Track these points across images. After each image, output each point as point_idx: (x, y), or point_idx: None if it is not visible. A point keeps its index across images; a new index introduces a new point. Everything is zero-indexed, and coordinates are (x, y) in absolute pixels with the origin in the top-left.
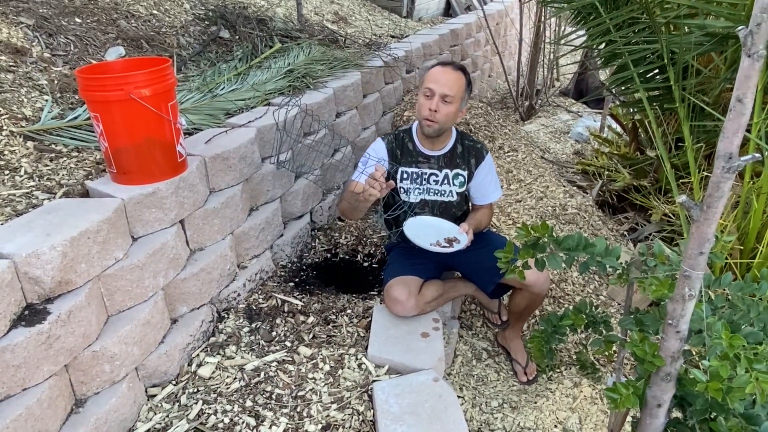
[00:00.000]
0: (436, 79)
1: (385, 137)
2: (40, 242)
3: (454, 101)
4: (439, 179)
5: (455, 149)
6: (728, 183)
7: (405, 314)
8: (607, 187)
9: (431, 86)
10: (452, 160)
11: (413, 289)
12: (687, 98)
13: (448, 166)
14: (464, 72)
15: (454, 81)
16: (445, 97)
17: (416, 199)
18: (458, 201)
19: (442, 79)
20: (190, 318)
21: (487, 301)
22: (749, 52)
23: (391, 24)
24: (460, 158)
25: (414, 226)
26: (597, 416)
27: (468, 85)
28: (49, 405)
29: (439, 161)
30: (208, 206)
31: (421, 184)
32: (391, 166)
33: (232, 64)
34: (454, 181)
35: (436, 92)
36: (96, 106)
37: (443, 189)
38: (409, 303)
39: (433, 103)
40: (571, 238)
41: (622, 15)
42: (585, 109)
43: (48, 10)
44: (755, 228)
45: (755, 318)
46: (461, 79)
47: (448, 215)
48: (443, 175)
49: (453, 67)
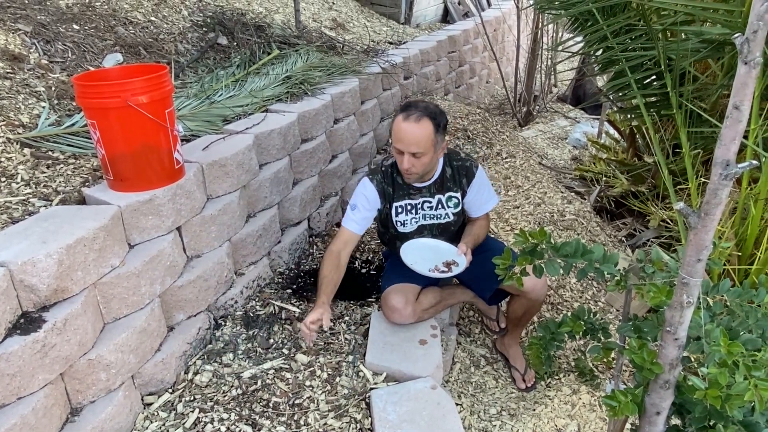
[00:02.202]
0: (400, 138)
1: (372, 177)
2: (36, 250)
3: (425, 153)
4: (433, 205)
5: (444, 173)
6: (725, 190)
7: (402, 322)
8: (604, 193)
9: (398, 146)
10: (443, 184)
11: (410, 297)
12: (684, 104)
13: (440, 191)
14: (429, 116)
15: (419, 135)
16: (414, 154)
17: (413, 227)
18: (455, 220)
19: (405, 138)
20: (186, 325)
21: (485, 307)
22: (746, 60)
23: (389, 30)
24: (450, 181)
25: (411, 250)
26: (596, 423)
27: (438, 128)
28: (45, 414)
29: (431, 189)
30: (206, 213)
31: (416, 214)
32: (383, 206)
33: (230, 71)
34: (448, 204)
35: (404, 151)
36: (93, 113)
37: (439, 213)
38: (406, 311)
39: (405, 162)
40: (569, 245)
41: (619, 22)
42: (583, 115)
43: (46, 17)
44: (753, 234)
45: (753, 324)
46: (426, 128)
47: (447, 234)
48: (437, 200)
49: (415, 117)
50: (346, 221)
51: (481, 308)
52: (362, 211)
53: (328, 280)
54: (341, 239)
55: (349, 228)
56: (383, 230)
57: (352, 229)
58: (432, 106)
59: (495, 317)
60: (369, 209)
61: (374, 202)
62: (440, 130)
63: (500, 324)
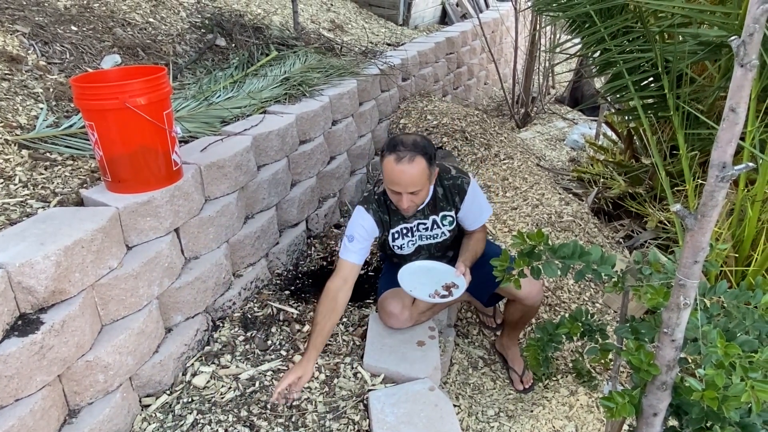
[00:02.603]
0: (396, 181)
1: (368, 207)
2: (33, 252)
3: (423, 188)
4: (428, 225)
5: (436, 194)
6: (722, 192)
7: (399, 326)
8: (602, 194)
9: (395, 188)
10: (436, 205)
11: (407, 301)
12: (681, 106)
13: (434, 212)
14: (420, 152)
15: (415, 175)
16: (412, 192)
17: (411, 249)
18: (451, 236)
19: (402, 180)
20: (184, 327)
21: (482, 306)
22: (742, 62)
23: (388, 32)
24: (443, 201)
25: (408, 276)
26: (593, 425)
27: (430, 161)
28: (42, 416)
29: (424, 211)
30: (204, 214)
31: (412, 236)
32: (381, 234)
33: (228, 72)
34: (443, 223)
35: (402, 192)
36: (91, 114)
37: (434, 233)
38: (403, 316)
39: (405, 201)
40: (567, 246)
41: (617, 24)
42: (580, 117)
43: (44, 18)
44: (750, 236)
45: (750, 326)
46: (421, 165)
47: (444, 250)
48: (431, 221)
49: (408, 158)
50: (345, 253)
51: (478, 306)
52: (360, 241)
53: (319, 329)
54: (341, 275)
55: (348, 260)
56: (381, 251)
57: (352, 260)
58: (419, 140)
59: (492, 314)
60: (367, 239)
61: (372, 232)
62: (432, 162)
63: (497, 320)
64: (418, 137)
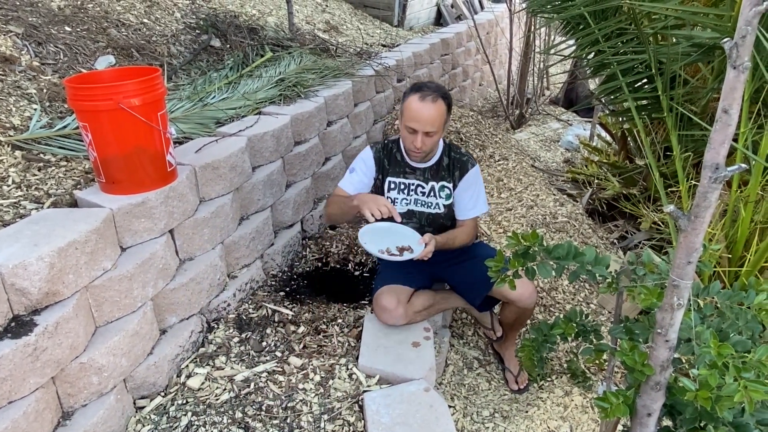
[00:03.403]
0: (416, 117)
1: (374, 146)
2: (27, 253)
3: (438, 132)
4: (426, 191)
5: (441, 161)
6: (715, 193)
7: (393, 323)
8: (596, 195)
9: (413, 125)
10: (438, 172)
11: (402, 298)
12: (675, 108)
13: (435, 179)
14: (443, 96)
15: (436, 115)
16: (428, 133)
17: (403, 209)
18: (446, 213)
19: (422, 118)
20: (179, 328)
21: (480, 316)
22: (734, 64)
23: (383, 33)
24: (445, 171)
25: (370, 232)
26: (588, 425)
27: (449, 107)
28: (36, 418)
29: (425, 173)
30: (198, 216)
31: (408, 195)
32: (377, 176)
33: (222, 73)
34: (440, 194)
35: (419, 131)
36: (85, 115)
37: (430, 201)
38: (397, 311)
39: (418, 141)
40: (561, 247)
41: (611, 25)
42: (575, 118)
43: (37, 19)
44: (743, 236)
45: (743, 326)
46: (441, 107)
47: (436, 227)
48: (429, 187)
49: (432, 98)
50: (343, 182)
51: (476, 316)
52: (359, 174)
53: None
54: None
55: (344, 188)
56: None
57: (347, 189)
58: (443, 86)
59: (490, 326)
60: (365, 174)
61: (370, 168)
62: (449, 109)
63: (496, 332)
64: (440, 84)
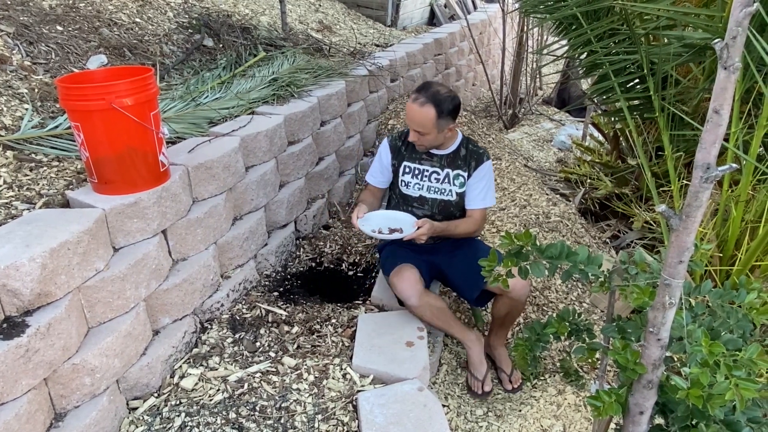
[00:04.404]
0: (407, 116)
1: (390, 135)
2: (19, 254)
3: (428, 133)
4: (441, 177)
5: (459, 151)
6: (706, 193)
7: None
8: (589, 195)
9: (407, 122)
10: (455, 161)
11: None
12: (666, 108)
13: (450, 166)
14: (434, 102)
15: (421, 118)
16: (418, 131)
17: (415, 194)
18: (456, 201)
19: (410, 117)
20: (172, 329)
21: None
22: (725, 65)
23: (376, 33)
24: (462, 160)
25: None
26: (581, 423)
27: (440, 114)
28: (28, 420)
29: (442, 160)
30: (191, 216)
31: (421, 180)
32: (393, 162)
33: (215, 73)
34: (454, 181)
35: (411, 127)
36: (77, 115)
37: (443, 187)
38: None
39: (411, 135)
40: (554, 247)
41: (603, 26)
42: (567, 118)
43: (29, 18)
44: (734, 235)
45: (734, 325)
46: (428, 113)
47: (446, 215)
48: (444, 174)
49: (420, 102)
50: (368, 175)
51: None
52: (378, 164)
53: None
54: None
55: (369, 180)
56: (391, 194)
57: (370, 180)
58: (443, 92)
59: (482, 377)
60: (382, 163)
61: (387, 156)
62: (444, 115)
63: (485, 387)
64: (443, 88)
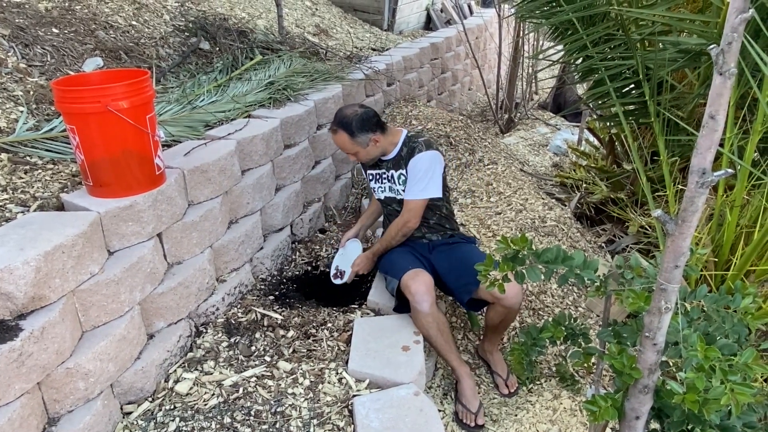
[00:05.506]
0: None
1: None
2: (13, 257)
3: (355, 151)
4: (391, 179)
5: (401, 152)
6: (702, 198)
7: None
8: (585, 199)
9: None
10: (398, 161)
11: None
12: (662, 113)
13: (395, 167)
14: (342, 126)
15: (339, 143)
16: (348, 153)
17: (381, 197)
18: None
19: (335, 144)
20: (167, 333)
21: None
22: (721, 70)
23: (372, 37)
24: (403, 159)
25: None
26: (577, 428)
27: (352, 135)
28: (21, 424)
29: (389, 164)
30: (187, 219)
31: (381, 183)
32: (364, 172)
33: (212, 76)
34: (398, 181)
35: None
36: (72, 118)
37: (395, 187)
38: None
39: (350, 157)
40: (550, 251)
41: (599, 31)
42: (563, 123)
43: (24, 20)
44: (729, 240)
45: (730, 330)
46: (342, 137)
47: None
48: (390, 175)
49: (332, 131)
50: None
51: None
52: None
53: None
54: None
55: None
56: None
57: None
58: (349, 113)
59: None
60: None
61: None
62: (357, 133)
63: (477, 420)
64: (350, 110)
